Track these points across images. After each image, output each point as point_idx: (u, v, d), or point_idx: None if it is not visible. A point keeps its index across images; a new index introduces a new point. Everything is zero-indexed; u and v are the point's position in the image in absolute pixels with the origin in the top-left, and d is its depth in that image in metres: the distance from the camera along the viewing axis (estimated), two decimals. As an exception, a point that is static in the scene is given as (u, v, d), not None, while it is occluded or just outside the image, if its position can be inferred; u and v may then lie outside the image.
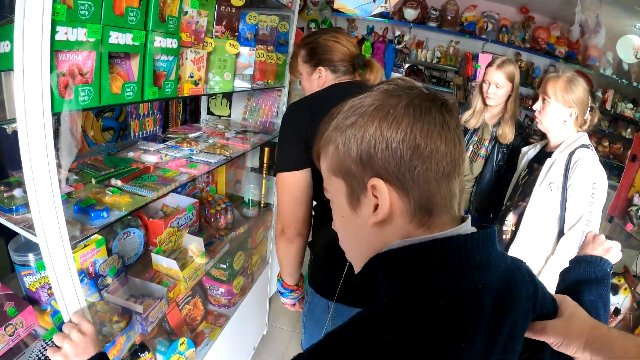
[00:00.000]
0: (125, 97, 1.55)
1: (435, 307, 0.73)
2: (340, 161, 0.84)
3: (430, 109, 0.79)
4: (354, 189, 0.83)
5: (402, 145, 0.77)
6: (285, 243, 1.88)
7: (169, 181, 1.93)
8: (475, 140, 3.36)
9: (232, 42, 2.29)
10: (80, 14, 1.28)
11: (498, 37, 6.48)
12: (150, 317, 1.90)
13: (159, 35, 1.64)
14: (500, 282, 0.82)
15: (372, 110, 0.80)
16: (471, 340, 0.73)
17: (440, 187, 0.79)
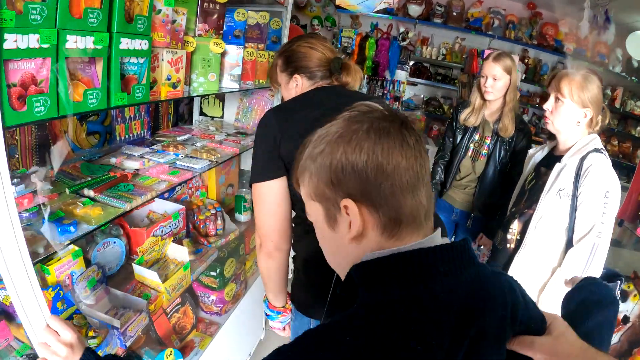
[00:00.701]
0: (87, 105, 1.46)
1: (396, 313, 0.80)
2: (315, 186, 0.93)
3: (389, 130, 0.87)
4: (330, 210, 0.92)
5: (366, 166, 0.85)
6: (265, 258, 1.81)
7: (145, 190, 1.86)
8: (477, 139, 3.29)
9: (217, 41, 2.19)
10: (32, 19, 1.19)
11: (505, 34, 6.37)
12: (129, 331, 1.84)
13: (126, 36, 1.54)
14: (468, 291, 0.87)
15: (337, 137, 0.89)
16: (429, 344, 0.77)
17: (406, 200, 0.87)
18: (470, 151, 3.32)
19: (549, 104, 2.38)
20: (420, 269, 0.85)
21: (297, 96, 1.88)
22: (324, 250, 1.04)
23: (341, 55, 1.98)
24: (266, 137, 1.71)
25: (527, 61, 6.42)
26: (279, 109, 1.87)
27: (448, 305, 0.82)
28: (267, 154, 1.69)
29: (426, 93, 7.12)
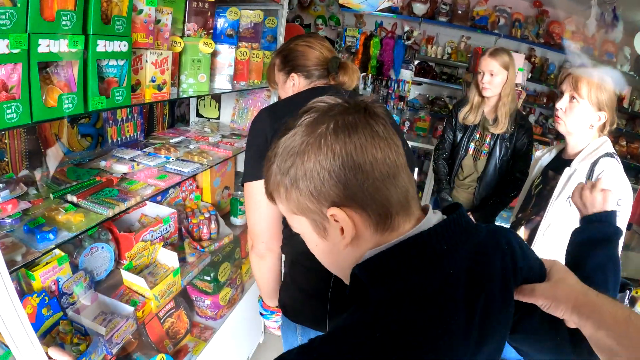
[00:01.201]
0: (63, 110, 1.42)
1: (414, 303, 0.80)
2: (294, 201, 0.89)
3: (355, 123, 0.84)
4: (317, 221, 0.89)
5: (343, 169, 0.82)
6: (257, 259, 1.80)
7: (130, 196, 1.83)
8: (477, 137, 3.25)
9: (206, 41, 2.15)
10: (1, 24, 1.16)
11: (511, 32, 6.25)
12: (114, 338, 1.81)
13: (104, 38, 1.50)
14: (471, 260, 0.89)
15: (304, 147, 0.84)
16: (448, 325, 0.79)
17: (390, 190, 0.86)
18: (471, 150, 3.27)
19: (563, 103, 2.24)
20: (425, 253, 0.86)
21: (292, 95, 1.87)
22: (320, 259, 1.01)
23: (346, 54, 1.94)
24: (258, 136, 1.69)
25: (533, 60, 6.32)
26: (271, 108, 1.83)
27: (457, 279, 0.85)
28: (258, 153, 1.65)
29: (431, 92, 7.03)
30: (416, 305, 0.79)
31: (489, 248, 0.95)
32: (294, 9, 6.80)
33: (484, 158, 3.22)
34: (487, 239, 0.96)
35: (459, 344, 0.80)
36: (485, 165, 3.20)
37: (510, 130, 3.09)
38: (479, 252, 0.92)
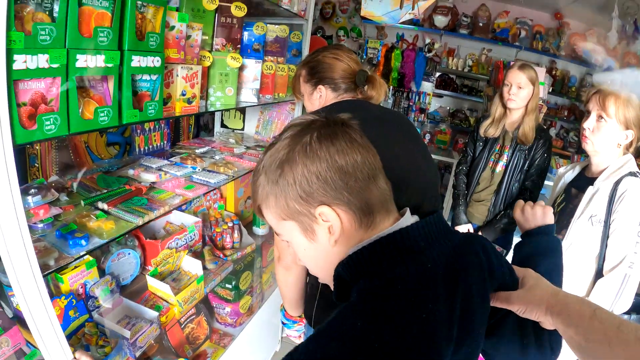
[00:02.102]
0: (99, 123, 1.48)
1: (396, 290, 0.86)
2: (284, 207, 0.97)
3: (335, 132, 0.95)
4: (305, 223, 0.97)
5: (328, 171, 0.92)
6: (283, 271, 1.80)
7: (159, 205, 1.87)
8: (497, 150, 3.28)
9: (234, 55, 2.20)
10: (41, 39, 1.22)
11: (532, 45, 6.25)
12: (139, 342, 1.85)
13: (138, 54, 1.56)
14: (448, 258, 0.96)
15: (292, 155, 0.94)
16: (431, 310, 0.84)
17: (372, 189, 0.96)
18: (490, 163, 3.30)
19: (590, 122, 2.24)
20: (404, 247, 0.94)
21: (320, 109, 1.85)
22: (309, 267, 1.10)
23: (367, 66, 1.95)
24: None
25: (554, 73, 6.28)
26: None
27: (435, 274, 0.91)
28: None
29: (452, 105, 7.04)
30: (397, 294, 0.85)
31: (465, 250, 1.03)
32: (316, 21, 6.85)
33: (501, 170, 3.24)
34: (463, 243, 1.04)
35: (442, 336, 0.84)
36: (501, 178, 3.23)
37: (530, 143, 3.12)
38: (455, 253, 0.99)
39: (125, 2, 1.46)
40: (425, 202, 1.64)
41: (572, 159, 5.23)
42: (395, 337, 0.78)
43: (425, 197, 1.67)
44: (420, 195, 1.63)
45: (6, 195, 1.16)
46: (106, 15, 1.41)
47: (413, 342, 0.79)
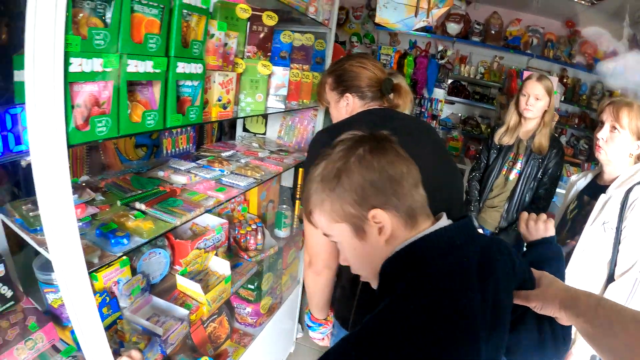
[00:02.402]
0: (145, 126, 1.53)
1: (440, 280, 1.01)
2: (338, 209, 1.11)
3: (385, 147, 1.11)
4: (357, 225, 1.11)
5: (380, 179, 1.07)
6: (313, 275, 1.83)
7: (194, 206, 1.91)
8: (510, 158, 3.32)
9: (264, 63, 2.26)
10: (96, 44, 1.26)
11: (543, 52, 6.29)
12: (170, 339, 1.89)
13: (183, 60, 1.61)
14: (479, 256, 1.09)
15: (348, 165, 1.09)
16: (470, 297, 0.98)
17: (414, 196, 1.11)
18: (504, 170, 3.35)
19: (604, 133, 2.29)
20: (444, 244, 1.08)
21: (349, 117, 1.88)
22: (354, 265, 1.23)
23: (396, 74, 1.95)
24: None
25: (565, 81, 6.31)
26: (332, 130, 1.82)
27: (470, 268, 1.05)
28: None
29: (464, 112, 7.08)
30: (441, 283, 1.00)
31: (493, 250, 1.16)
32: (330, 27, 6.91)
33: (514, 177, 3.29)
34: (491, 244, 1.18)
35: (480, 321, 0.98)
36: (515, 185, 3.27)
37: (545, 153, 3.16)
38: (484, 252, 1.12)
39: (173, 10, 1.51)
40: (452, 210, 1.68)
41: (582, 166, 5.26)
42: (443, 319, 0.92)
43: (452, 206, 1.72)
44: (447, 203, 1.68)
45: (58, 194, 1.21)
46: (155, 22, 1.46)
47: (459, 321, 0.93)
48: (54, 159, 1.17)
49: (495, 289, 1.07)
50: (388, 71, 2.09)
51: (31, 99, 1.10)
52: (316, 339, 2.11)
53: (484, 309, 1.01)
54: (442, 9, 3.97)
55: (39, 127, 1.13)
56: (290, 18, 2.72)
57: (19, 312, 1.70)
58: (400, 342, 0.89)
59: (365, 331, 0.95)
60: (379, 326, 0.95)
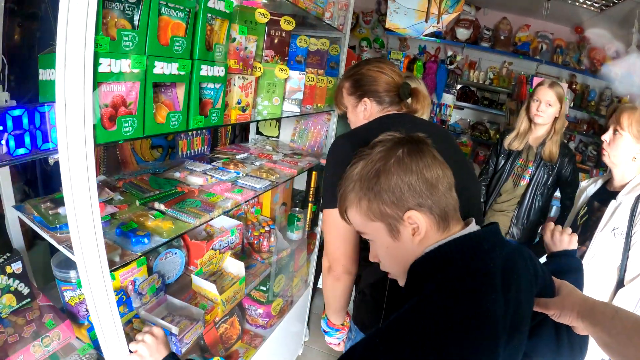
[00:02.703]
0: (169, 127, 1.55)
1: (467, 281, 1.04)
2: (375, 209, 1.14)
3: (422, 149, 1.15)
4: (392, 224, 1.14)
5: (418, 182, 1.10)
6: (332, 280, 1.83)
7: (212, 207, 1.93)
8: (519, 164, 3.34)
9: (282, 67, 2.28)
10: (124, 45, 1.29)
11: (552, 58, 6.27)
12: (185, 338, 1.91)
13: (206, 63, 1.64)
14: (504, 261, 1.11)
15: (387, 167, 1.12)
16: (493, 300, 1.01)
17: (447, 199, 1.14)
18: (512, 175, 3.36)
19: (607, 135, 2.34)
20: (473, 248, 1.11)
21: (368, 123, 1.87)
22: (384, 262, 1.26)
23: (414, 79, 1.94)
24: (341, 163, 1.60)
25: (574, 87, 6.29)
26: (352, 135, 1.82)
27: (495, 272, 1.07)
28: None
29: (472, 117, 7.07)
30: (468, 284, 1.03)
31: (517, 257, 1.18)
32: (339, 31, 6.92)
33: (524, 184, 3.30)
34: (514, 251, 1.19)
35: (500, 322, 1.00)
36: (524, 191, 3.28)
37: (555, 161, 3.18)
38: (509, 258, 1.14)
39: (198, 14, 1.54)
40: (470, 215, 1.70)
41: (590, 172, 5.27)
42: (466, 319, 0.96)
43: (471, 211, 1.71)
44: (466, 209, 1.68)
45: (85, 192, 1.23)
46: (181, 25, 1.49)
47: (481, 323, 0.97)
48: (81, 157, 1.19)
49: (517, 294, 1.10)
50: (405, 74, 2.09)
51: (61, 97, 1.12)
52: (332, 344, 2.12)
53: (506, 313, 1.03)
54: (452, 15, 4.00)
55: (69, 125, 1.15)
56: (306, 23, 2.75)
57: (35, 309, 1.72)
58: (424, 339, 0.93)
59: (393, 327, 1.00)
60: (405, 323, 0.99)
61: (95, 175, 1.24)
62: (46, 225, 1.55)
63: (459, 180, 1.70)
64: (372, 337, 1.01)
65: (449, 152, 1.76)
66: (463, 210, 1.64)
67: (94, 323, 1.41)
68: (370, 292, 1.83)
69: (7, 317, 1.65)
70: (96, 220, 1.28)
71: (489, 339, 0.97)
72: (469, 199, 1.75)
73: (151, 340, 1.44)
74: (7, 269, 1.63)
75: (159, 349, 1.45)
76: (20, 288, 1.70)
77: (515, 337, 1.08)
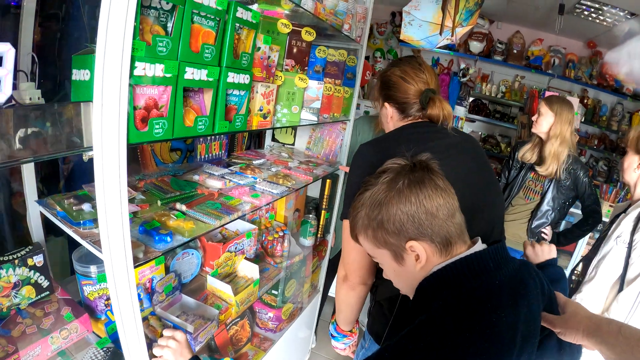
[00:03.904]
0: (197, 130, 1.61)
1: (472, 300, 1.09)
2: (380, 238, 1.22)
3: (423, 179, 1.18)
4: (396, 252, 1.22)
5: (418, 213, 1.16)
6: (347, 290, 1.84)
7: (232, 210, 1.97)
8: (531, 177, 3.41)
9: (302, 76, 2.34)
10: (158, 50, 1.35)
11: (564, 73, 6.31)
12: (199, 337, 1.95)
13: (233, 71, 1.70)
14: (511, 278, 1.17)
15: (388, 199, 1.18)
16: (499, 316, 1.05)
17: (450, 226, 1.18)
18: (524, 189, 3.43)
19: None
20: (479, 266, 1.16)
21: (394, 132, 1.87)
22: (394, 281, 1.34)
23: None
24: (363, 172, 1.60)
25: (586, 101, 6.33)
26: (375, 144, 1.81)
27: (502, 289, 1.13)
28: None
29: (484, 130, 7.11)
30: (473, 302, 1.09)
31: (525, 272, 1.25)
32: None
33: (537, 198, 3.36)
34: (522, 267, 1.26)
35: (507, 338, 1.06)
36: (538, 205, 3.34)
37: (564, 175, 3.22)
38: (517, 274, 1.21)
39: (227, 23, 1.60)
40: (495, 229, 1.72)
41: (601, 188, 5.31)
42: (472, 333, 1.02)
43: (495, 225, 1.76)
44: (489, 223, 1.72)
45: (116, 189, 1.28)
46: (211, 33, 1.55)
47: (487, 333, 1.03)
48: (114, 155, 1.25)
49: (528, 309, 1.16)
50: None
51: (98, 97, 1.17)
52: (338, 348, 2.14)
53: (516, 326, 1.09)
54: (466, 28, 4.04)
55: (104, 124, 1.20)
56: (324, 34, 2.80)
57: (54, 302, 1.77)
58: (431, 353, 1.01)
59: (402, 342, 1.06)
60: (414, 338, 1.05)
61: (126, 172, 1.29)
62: (70, 220, 1.59)
63: (483, 194, 1.73)
64: (382, 350, 1.10)
65: (473, 163, 1.78)
66: (487, 226, 1.69)
67: (115, 315, 1.46)
68: (388, 305, 1.82)
69: (26, 308, 1.70)
70: (124, 215, 1.33)
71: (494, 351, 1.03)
72: (492, 213, 1.78)
73: (175, 345, 1.55)
74: (28, 261, 1.68)
75: (182, 353, 1.55)
76: (40, 281, 1.74)
77: (526, 349, 1.14)
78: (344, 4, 2.56)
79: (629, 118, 6.23)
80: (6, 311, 1.64)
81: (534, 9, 5.51)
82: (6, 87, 1.10)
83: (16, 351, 1.49)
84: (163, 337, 1.59)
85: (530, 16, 5.94)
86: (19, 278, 1.66)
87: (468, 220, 1.29)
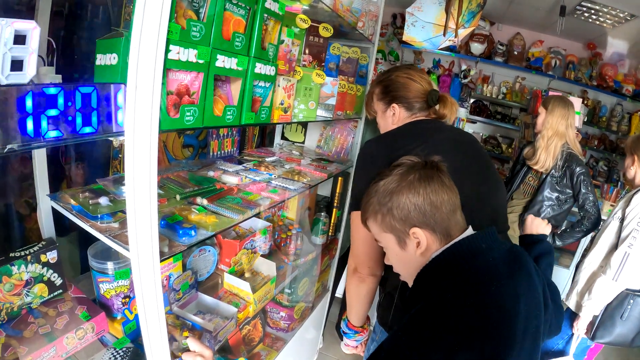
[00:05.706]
0: (225, 120, 1.58)
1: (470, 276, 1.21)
2: (387, 223, 1.35)
3: (432, 175, 1.31)
4: (400, 237, 1.34)
5: (423, 204, 1.28)
6: (357, 282, 1.87)
7: (252, 205, 1.94)
8: (531, 174, 3.51)
9: (319, 72, 2.31)
10: (192, 35, 1.32)
11: (564, 74, 6.32)
12: (219, 336, 1.91)
13: (260, 62, 1.67)
14: (505, 256, 1.28)
15: (399, 188, 1.31)
16: (498, 286, 1.16)
17: (451, 220, 1.31)
18: (524, 184, 3.54)
19: None
20: (472, 247, 1.27)
21: (396, 129, 1.92)
22: (395, 266, 1.45)
23: None
24: (371, 167, 1.74)
25: (585, 102, 6.28)
26: (380, 140, 1.88)
27: (497, 265, 1.24)
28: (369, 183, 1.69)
29: (485, 131, 7.11)
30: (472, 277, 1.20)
31: (516, 250, 1.35)
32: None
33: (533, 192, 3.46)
34: (513, 246, 1.37)
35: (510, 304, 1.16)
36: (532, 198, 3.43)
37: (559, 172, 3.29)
38: (511, 252, 1.32)
39: (256, 13, 1.58)
40: (497, 223, 1.72)
41: (601, 188, 5.33)
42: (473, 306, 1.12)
43: (498, 219, 1.80)
44: (491, 218, 1.75)
45: (145, 176, 1.23)
46: (242, 22, 1.53)
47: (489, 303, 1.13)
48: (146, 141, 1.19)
49: (528, 282, 1.26)
50: None
51: (132, 80, 1.13)
52: (350, 346, 2.14)
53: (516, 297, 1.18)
54: (468, 29, 4.06)
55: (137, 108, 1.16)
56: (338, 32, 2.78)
57: (67, 300, 1.70)
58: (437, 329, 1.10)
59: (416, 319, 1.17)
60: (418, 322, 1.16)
61: (156, 158, 1.24)
62: (87, 214, 1.53)
63: (484, 190, 1.80)
64: (396, 332, 1.19)
65: (474, 159, 1.85)
66: (489, 220, 1.72)
67: (139, 313, 1.41)
68: (398, 295, 1.84)
69: (38, 307, 1.62)
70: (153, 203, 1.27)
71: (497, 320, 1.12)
72: (495, 207, 1.83)
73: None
74: (42, 257, 1.60)
75: None
76: (54, 278, 1.67)
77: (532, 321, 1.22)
78: (358, 2, 2.56)
79: (629, 119, 6.28)
80: (17, 310, 1.56)
81: (534, 10, 5.54)
82: (30, 67, 1.06)
83: (28, 353, 1.43)
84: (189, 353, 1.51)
85: (530, 18, 5.97)
86: (32, 275, 1.59)
87: (471, 209, 1.43)
